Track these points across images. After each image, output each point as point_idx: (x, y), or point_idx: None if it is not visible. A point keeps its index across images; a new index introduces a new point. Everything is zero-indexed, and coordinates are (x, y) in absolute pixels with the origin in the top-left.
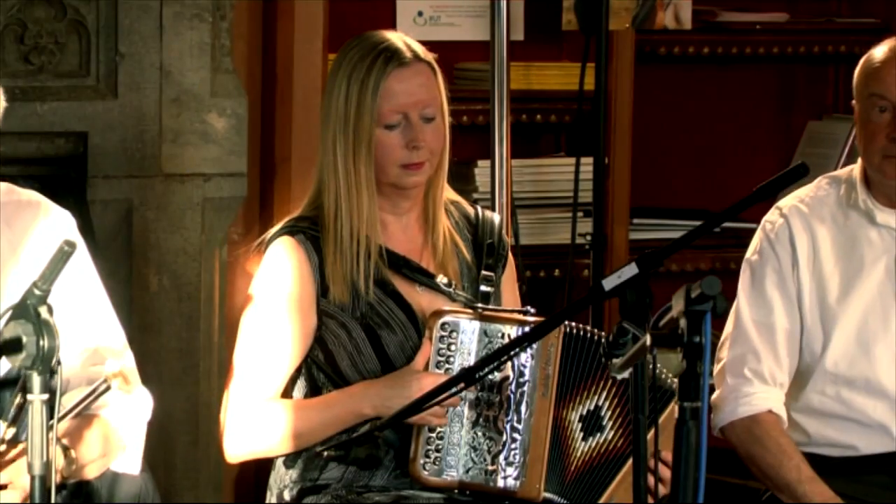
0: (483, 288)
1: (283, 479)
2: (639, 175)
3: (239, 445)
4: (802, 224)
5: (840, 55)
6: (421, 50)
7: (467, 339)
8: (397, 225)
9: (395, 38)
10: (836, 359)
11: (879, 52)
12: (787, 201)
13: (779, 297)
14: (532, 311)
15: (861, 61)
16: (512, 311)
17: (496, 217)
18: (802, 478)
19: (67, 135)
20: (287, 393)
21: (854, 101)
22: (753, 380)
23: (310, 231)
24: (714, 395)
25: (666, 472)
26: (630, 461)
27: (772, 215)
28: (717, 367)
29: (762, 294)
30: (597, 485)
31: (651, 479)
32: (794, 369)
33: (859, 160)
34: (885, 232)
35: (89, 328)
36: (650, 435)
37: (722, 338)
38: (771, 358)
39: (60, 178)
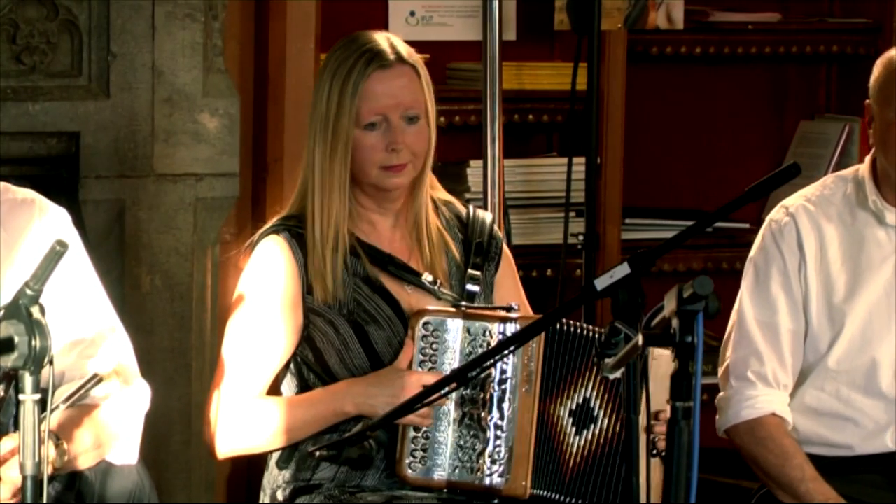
0: (469, 287)
1: (276, 480)
2: (631, 175)
3: (228, 442)
4: (810, 223)
5: (832, 55)
6: (406, 51)
7: (451, 337)
8: (385, 223)
9: (382, 39)
10: (839, 357)
11: None
12: (794, 200)
13: (783, 297)
14: (516, 307)
15: (883, 62)
16: (495, 309)
17: (488, 216)
18: (806, 476)
19: (59, 135)
20: (276, 392)
21: (870, 102)
22: (757, 382)
23: (295, 229)
24: (718, 397)
25: (662, 427)
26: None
27: (777, 213)
28: (721, 369)
29: (766, 294)
30: (604, 478)
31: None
32: (798, 370)
33: (867, 159)
34: (893, 232)
35: (85, 320)
36: (641, 423)
37: (725, 336)
38: (775, 360)
39: (52, 177)
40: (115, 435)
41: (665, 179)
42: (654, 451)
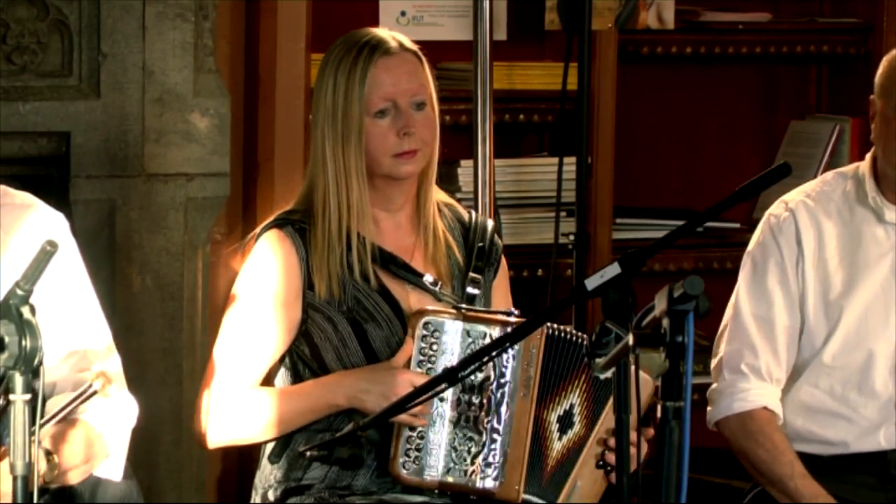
0: (470, 290)
1: (267, 479)
2: (622, 175)
3: (219, 431)
4: (809, 219)
5: (823, 55)
6: (406, 40)
7: (450, 339)
8: (389, 222)
9: (379, 31)
10: (834, 353)
11: None
12: (793, 195)
13: (780, 292)
14: (516, 312)
15: (889, 57)
16: (495, 313)
17: (489, 222)
18: (795, 473)
19: (50, 134)
20: (269, 386)
21: (874, 97)
22: (750, 375)
23: (299, 223)
24: (710, 389)
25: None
26: (590, 441)
27: (777, 208)
28: (714, 361)
29: (763, 288)
30: (566, 477)
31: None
32: (791, 366)
33: (867, 156)
34: (892, 229)
35: (78, 331)
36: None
37: (720, 330)
38: (769, 353)
39: (43, 177)
40: (104, 449)
41: (656, 179)
42: (601, 463)
